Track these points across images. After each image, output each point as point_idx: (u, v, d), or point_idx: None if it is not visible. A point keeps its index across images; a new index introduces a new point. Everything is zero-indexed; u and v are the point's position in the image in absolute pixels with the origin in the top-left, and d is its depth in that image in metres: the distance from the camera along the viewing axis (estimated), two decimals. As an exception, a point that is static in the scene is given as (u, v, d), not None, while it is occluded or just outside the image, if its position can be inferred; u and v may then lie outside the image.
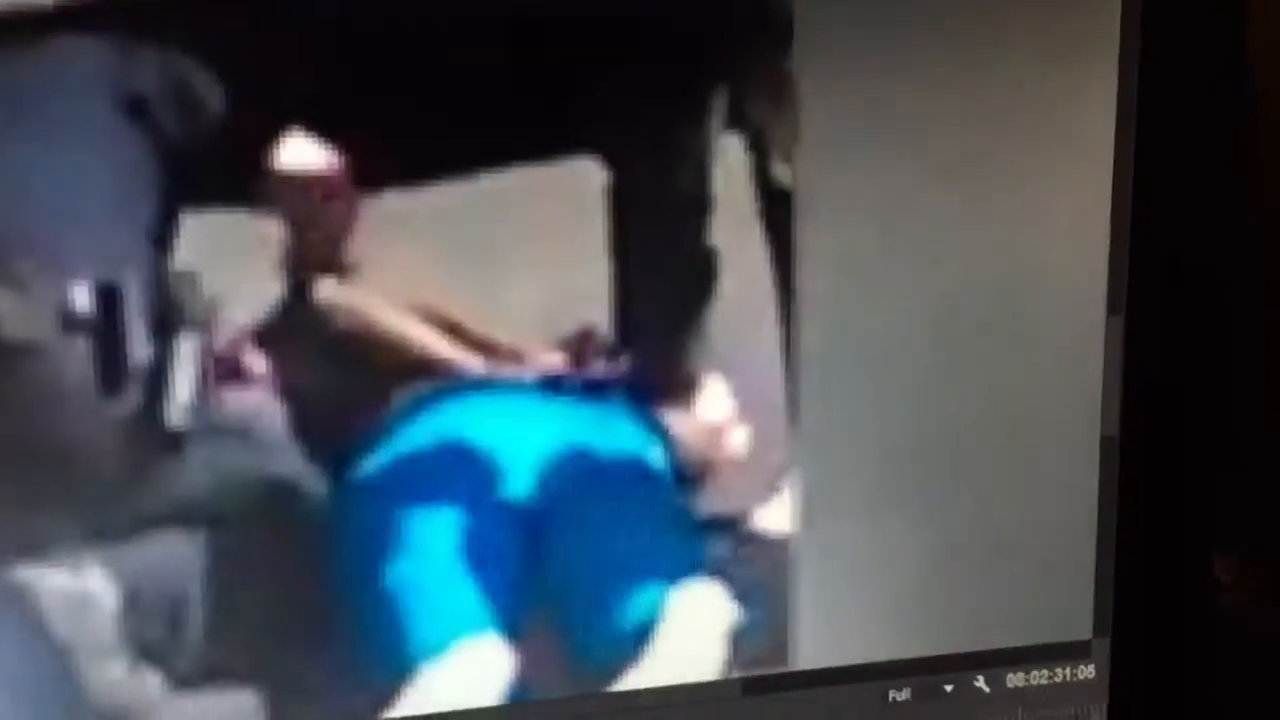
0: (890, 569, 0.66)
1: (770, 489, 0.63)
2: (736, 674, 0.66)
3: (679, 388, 0.62)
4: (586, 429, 0.61)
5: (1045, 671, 0.69)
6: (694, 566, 0.63)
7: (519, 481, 0.60)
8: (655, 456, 0.61)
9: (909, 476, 0.65)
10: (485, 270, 0.58)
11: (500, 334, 0.59)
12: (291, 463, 0.57)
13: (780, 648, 0.66)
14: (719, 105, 0.59)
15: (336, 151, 0.55)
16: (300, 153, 0.54)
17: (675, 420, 0.61)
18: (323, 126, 0.55)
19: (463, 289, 0.58)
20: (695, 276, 0.61)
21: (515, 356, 0.59)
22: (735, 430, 0.62)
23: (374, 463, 0.58)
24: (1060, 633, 0.68)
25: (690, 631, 0.63)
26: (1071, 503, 0.67)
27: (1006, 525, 0.66)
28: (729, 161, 0.60)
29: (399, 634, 0.60)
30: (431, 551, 0.59)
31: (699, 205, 0.60)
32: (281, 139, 0.54)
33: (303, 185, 0.55)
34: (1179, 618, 0.71)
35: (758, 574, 0.64)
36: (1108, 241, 0.64)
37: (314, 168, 0.55)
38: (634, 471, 0.61)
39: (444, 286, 0.58)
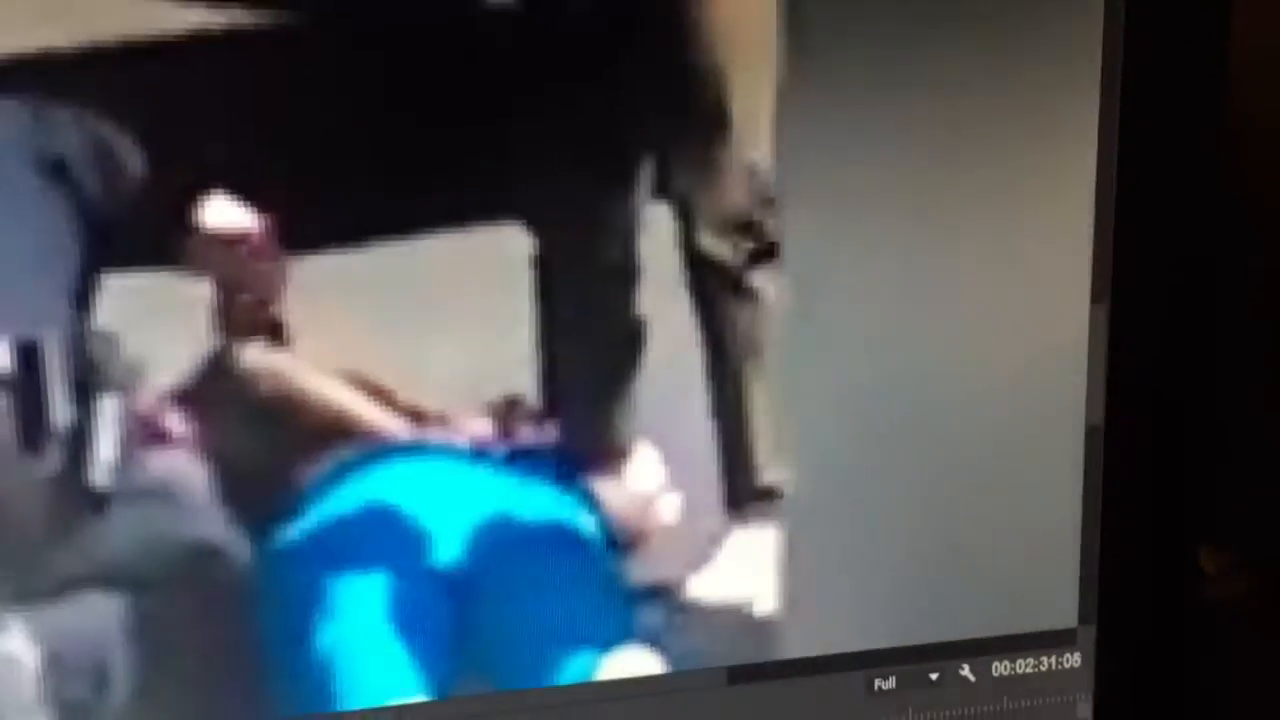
0: (875, 558, 0.66)
1: (704, 556, 0.63)
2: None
3: (607, 456, 0.62)
4: (514, 496, 0.61)
5: (1031, 660, 0.69)
6: (626, 634, 0.63)
7: (447, 547, 0.60)
8: (584, 524, 0.62)
9: (893, 466, 0.65)
10: (412, 336, 0.59)
11: (427, 400, 0.59)
12: (215, 526, 0.58)
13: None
14: (645, 174, 0.59)
15: (260, 213, 0.55)
16: (224, 213, 0.55)
17: (604, 488, 0.62)
18: (246, 188, 0.55)
19: (390, 354, 0.59)
20: (622, 345, 0.61)
21: (442, 422, 0.59)
22: (666, 498, 0.62)
23: (300, 527, 0.58)
24: (1046, 621, 0.68)
25: (623, 700, 0.63)
26: (1056, 492, 0.67)
27: (991, 514, 0.66)
28: (656, 230, 0.60)
29: (328, 698, 0.60)
30: (359, 616, 0.60)
31: (625, 274, 0.60)
32: (204, 200, 0.55)
33: (227, 246, 0.55)
34: (1163, 607, 0.71)
35: (692, 640, 0.63)
36: (1091, 229, 0.64)
37: (238, 229, 0.55)
38: (563, 539, 0.61)
39: (371, 351, 0.58)
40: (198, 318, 0.57)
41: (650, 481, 0.62)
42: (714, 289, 0.62)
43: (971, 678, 0.68)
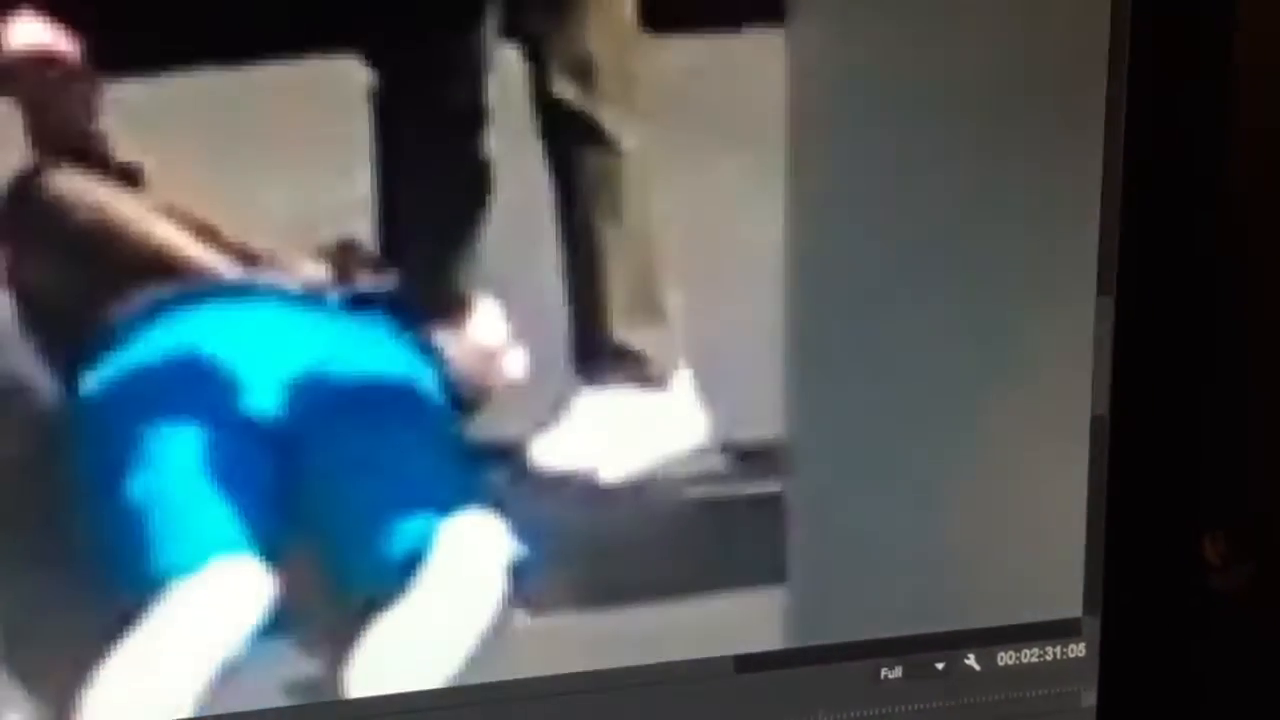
0: (883, 547, 0.65)
1: (550, 416, 0.60)
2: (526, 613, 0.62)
3: (449, 307, 0.60)
4: (346, 347, 0.58)
5: (1036, 649, 0.68)
6: (466, 496, 0.60)
7: (269, 397, 0.57)
8: (422, 378, 0.59)
9: (901, 453, 0.65)
10: (241, 170, 0.56)
11: (255, 239, 0.57)
12: (20, 359, 0.54)
13: (566, 583, 0.63)
14: (494, 11, 0.56)
15: (71, 32, 0.52)
16: (32, 31, 0.51)
17: (444, 341, 0.59)
18: (55, 5, 0.51)
19: (216, 189, 0.56)
20: (467, 191, 0.59)
21: (271, 264, 0.56)
22: (510, 354, 0.59)
23: (111, 367, 0.56)
24: (1051, 611, 0.68)
25: (462, 564, 0.61)
26: (1062, 481, 0.67)
27: (997, 503, 0.66)
28: (505, 72, 0.57)
29: (142, 549, 0.58)
30: (174, 465, 0.57)
31: (472, 116, 0.58)
32: (11, 16, 0.51)
33: (36, 66, 0.52)
34: (1168, 597, 0.71)
35: (538, 505, 0.61)
36: (1098, 221, 0.63)
37: (46, 48, 0.52)
38: (399, 393, 0.59)
39: (196, 185, 0.56)
40: (6, 138, 0.53)
41: (493, 335, 0.60)
42: (567, 136, 0.59)
43: (977, 667, 0.68)
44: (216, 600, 0.60)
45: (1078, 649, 0.69)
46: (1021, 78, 0.62)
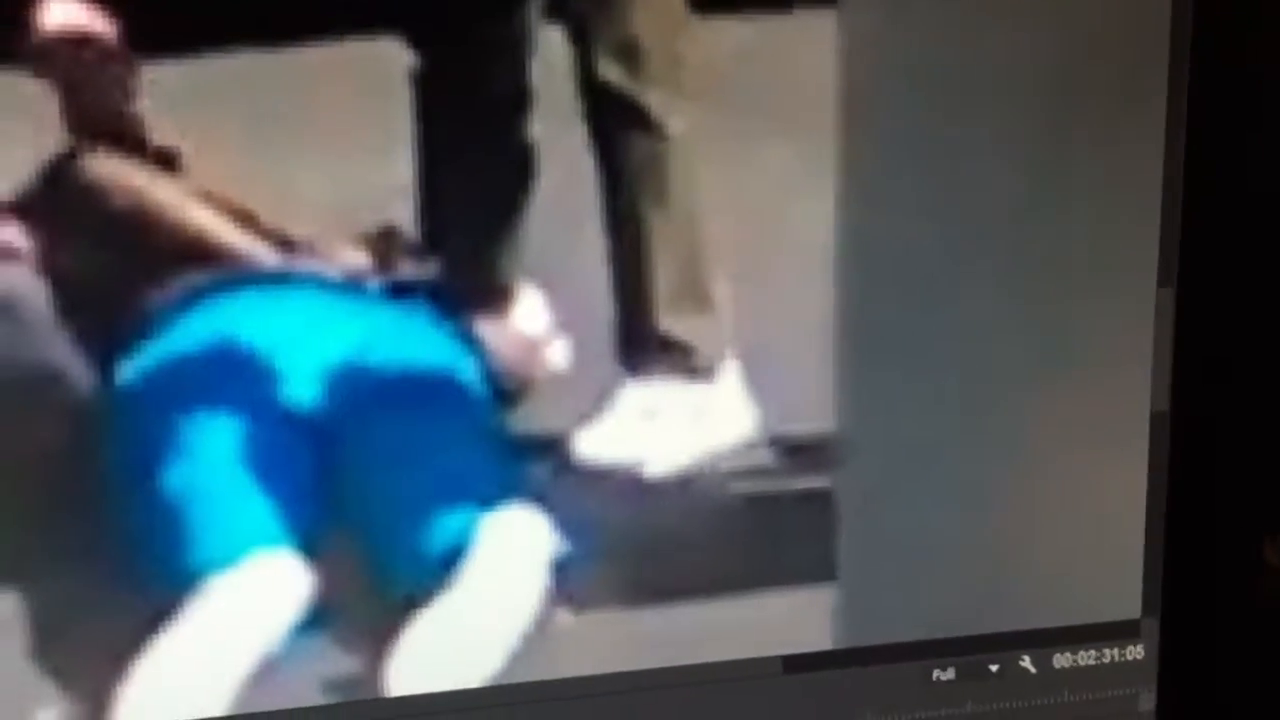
0: (935, 545, 0.65)
1: (593, 409, 0.60)
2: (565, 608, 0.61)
3: (491, 295, 0.60)
4: (387, 336, 0.58)
5: (1093, 651, 0.68)
6: (509, 490, 0.60)
7: (304, 388, 0.57)
8: (464, 369, 0.59)
9: (955, 449, 0.64)
10: (280, 155, 0.56)
11: (294, 225, 0.57)
12: (57, 348, 0.55)
13: (610, 580, 0.63)
14: (537, -8, 0.56)
15: (107, 11, 0.52)
16: (67, 11, 0.52)
17: (486, 330, 0.59)
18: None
19: (255, 174, 0.56)
20: (510, 176, 0.59)
21: (310, 251, 0.56)
22: (554, 344, 0.59)
23: (147, 356, 0.56)
24: (1109, 612, 0.68)
25: (505, 560, 0.61)
26: (1121, 479, 0.66)
27: (1054, 501, 0.66)
28: (549, 54, 0.57)
29: (180, 542, 0.58)
30: (212, 456, 0.57)
31: (515, 99, 0.58)
32: (46, -2, 0.51)
33: (73, 47, 0.52)
34: (1228, 599, 0.71)
35: (581, 500, 0.61)
36: (1159, 212, 0.63)
37: (84, 29, 0.52)
38: (440, 384, 0.59)
39: (235, 169, 0.56)
40: (42, 121, 0.53)
41: (536, 325, 0.60)
42: (612, 120, 0.59)
43: (1032, 669, 0.68)
44: (254, 595, 0.60)
45: (1136, 651, 0.69)
46: (1082, 59, 0.62)
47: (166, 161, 0.55)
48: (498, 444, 0.61)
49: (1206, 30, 0.63)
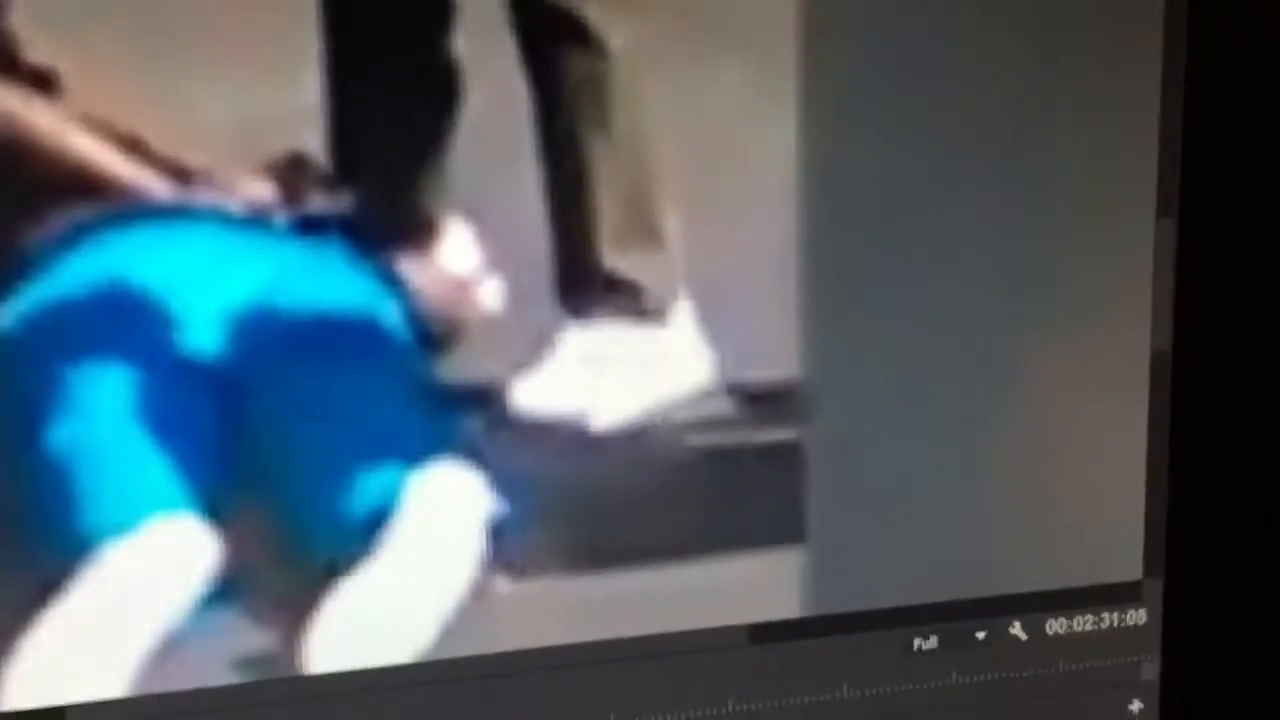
0: (914, 502, 0.63)
1: (532, 355, 0.56)
2: (508, 578, 0.59)
3: (414, 230, 0.57)
4: (297, 276, 0.55)
5: (1090, 616, 0.66)
6: (438, 445, 0.57)
7: (204, 334, 0.54)
8: (385, 312, 0.55)
9: (934, 397, 0.62)
10: (172, 74, 0.53)
11: (190, 153, 0.54)
12: (-81, 293, 0.51)
13: (553, 544, 0.60)
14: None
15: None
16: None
17: (410, 268, 0.56)
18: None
19: (145, 95, 0.53)
20: (432, 97, 0.56)
21: (208, 181, 0.53)
22: (485, 284, 0.56)
23: (26, 299, 0.52)
24: (1107, 573, 0.66)
25: (435, 522, 0.58)
26: (1118, 427, 0.65)
27: (1046, 453, 0.64)
28: (475, -41, 0.53)
29: (69, 507, 0.54)
30: (102, 411, 0.53)
31: (437, 9, 0.55)
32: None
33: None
34: (1237, 557, 0.68)
35: (519, 456, 0.57)
36: (1156, 135, 0.61)
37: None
38: (358, 329, 0.55)
39: (121, 90, 0.53)
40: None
41: (465, 263, 0.57)
42: (546, 35, 0.55)
43: (1023, 636, 0.66)
44: (154, 564, 0.57)
45: (1138, 616, 0.67)
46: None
47: (42, 82, 0.52)
48: (425, 394, 0.58)
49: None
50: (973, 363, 0.63)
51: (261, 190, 0.55)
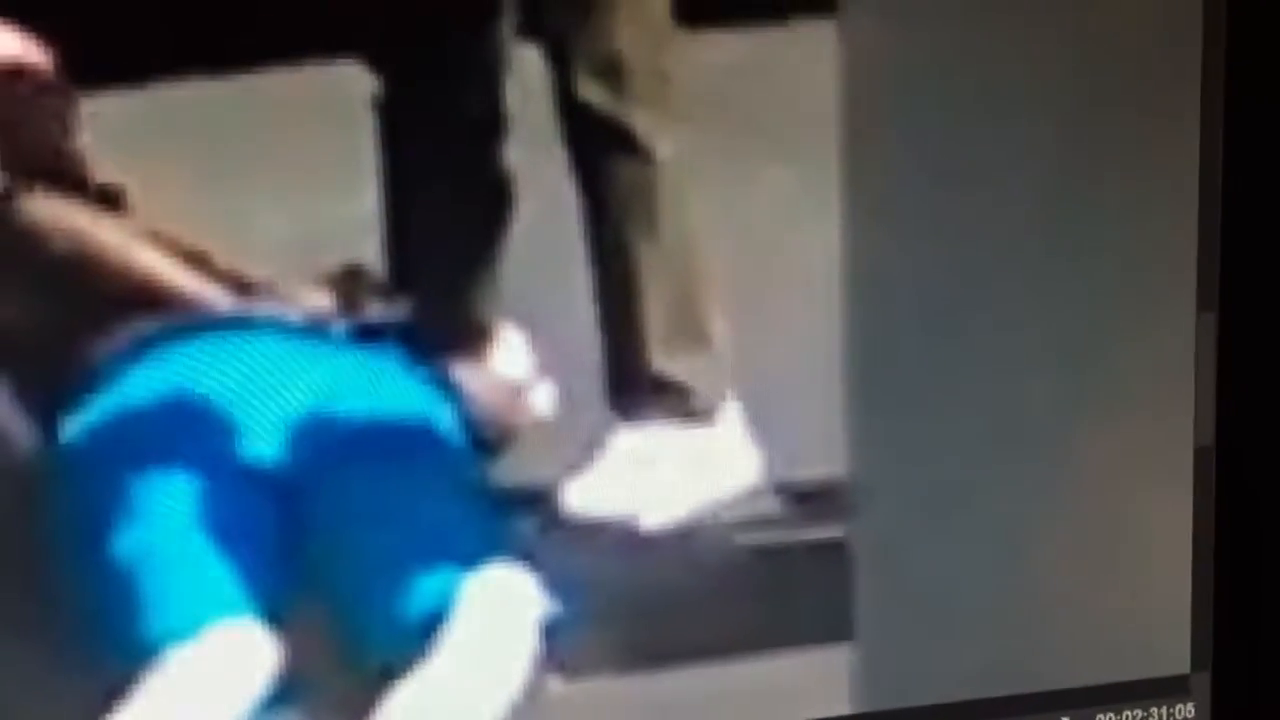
0: (961, 599, 0.63)
1: (583, 457, 0.58)
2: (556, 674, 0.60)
3: (468, 337, 0.59)
4: (354, 383, 0.57)
5: (1139, 711, 0.66)
6: (492, 547, 0.59)
7: (265, 441, 0.56)
8: (440, 417, 0.57)
9: (980, 493, 0.63)
10: (235, 190, 0.55)
11: (251, 266, 0.56)
12: (-6, 405, 0.53)
13: (605, 643, 0.62)
14: (511, 7, 0.55)
15: (42, 40, 0.51)
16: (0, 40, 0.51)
17: (464, 375, 0.57)
18: (25, 11, 0.50)
19: (208, 211, 0.56)
20: (485, 208, 0.58)
21: (269, 293, 0.55)
22: (538, 388, 0.58)
23: (94, 410, 0.55)
24: (1155, 667, 0.66)
25: (489, 624, 0.60)
26: (1163, 522, 0.65)
27: (1090, 548, 0.64)
28: (525, 74, 0.56)
29: (133, 613, 0.56)
30: (166, 519, 0.56)
31: (489, 124, 0.57)
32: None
33: (5, 78, 0.51)
34: None
35: (571, 557, 0.59)
36: (1195, 228, 0.62)
37: (16, 58, 0.51)
38: (414, 434, 0.57)
39: (186, 207, 0.55)
40: (-28, 160, 0.52)
41: (518, 368, 0.58)
42: (595, 144, 0.58)
43: None
44: (216, 668, 0.59)
45: (1186, 710, 0.67)
46: (1106, 68, 0.61)
47: (110, 200, 0.54)
48: (479, 498, 0.59)
49: (1243, 26, 0.62)
50: (1017, 458, 0.63)
51: (320, 300, 0.58)
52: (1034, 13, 0.60)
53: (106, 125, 0.54)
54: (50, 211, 0.53)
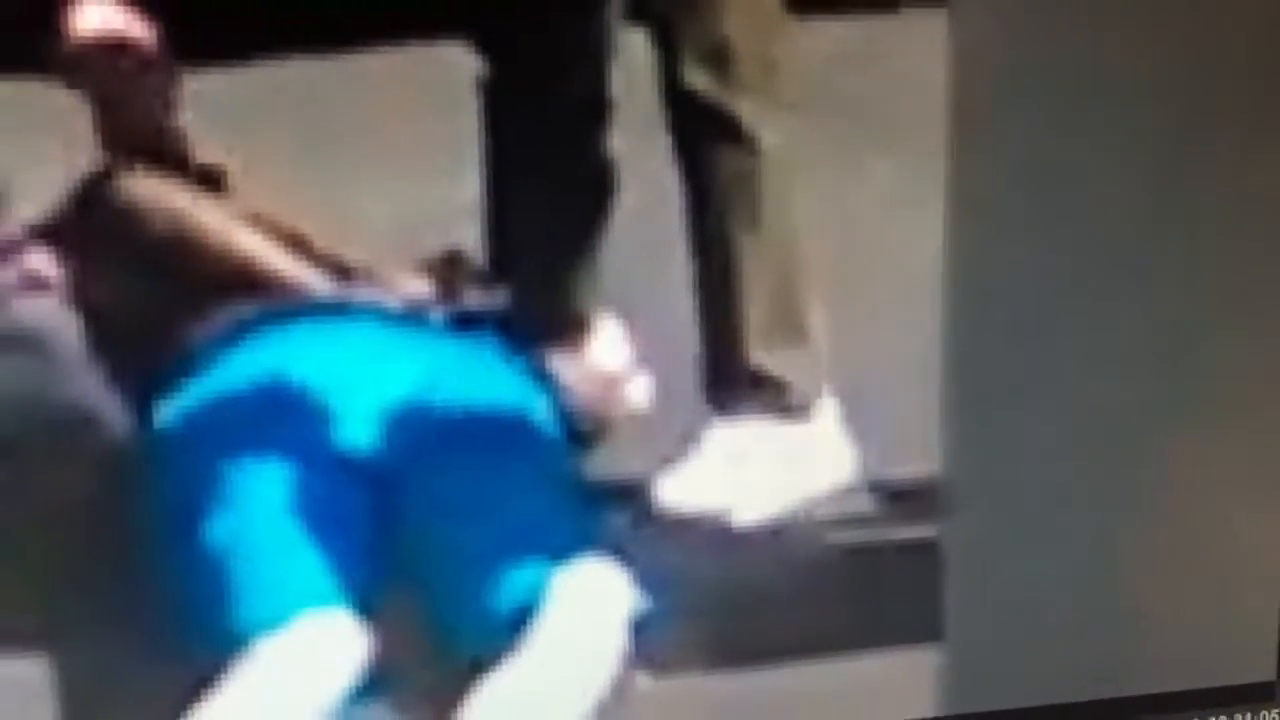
0: (1051, 602, 0.62)
1: (678, 451, 0.59)
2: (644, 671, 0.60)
3: (566, 327, 0.59)
4: (450, 372, 0.57)
5: (1224, 717, 0.66)
6: (584, 541, 0.59)
7: (360, 429, 0.56)
8: (536, 408, 0.57)
9: (1074, 496, 0.62)
10: (335, 173, 0.56)
11: (350, 251, 0.56)
12: (90, 388, 0.54)
13: (693, 641, 0.61)
14: (618, -8, 0.55)
15: (145, 16, 0.51)
16: (102, 16, 0.50)
17: (561, 366, 0.58)
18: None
19: (308, 194, 0.56)
20: (587, 195, 0.58)
21: (368, 279, 0.55)
22: (634, 380, 0.58)
23: (189, 395, 0.54)
24: (1240, 673, 0.65)
25: (579, 618, 0.59)
26: (1257, 528, 0.63)
27: (1182, 552, 0.63)
28: (630, 59, 0.56)
29: (224, 601, 0.56)
30: (259, 506, 0.56)
31: (593, 109, 0.57)
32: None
33: (106, 54, 0.51)
34: None
35: (663, 553, 0.59)
36: None
37: (119, 33, 0.51)
38: (509, 425, 0.57)
39: (285, 189, 0.55)
40: (74, 137, 0.52)
41: (615, 359, 0.58)
42: (699, 132, 0.58)
43: None
44: (306, 658, 0.58)
45: (1271, 715, 0.66)
46: (1212, 69, 0.60)
47: (210, 181, 0.54)
48: (572, 491, 0.59)
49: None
50: (1113, 461, 0.63)
51: (419, 287, 0.58)
52: (1143, 13, 0.60)
53: (209, 104, 0.54)
54: (150, 191, 0.54)
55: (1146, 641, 0.62)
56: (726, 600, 0.63)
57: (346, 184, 0.54)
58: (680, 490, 0.61)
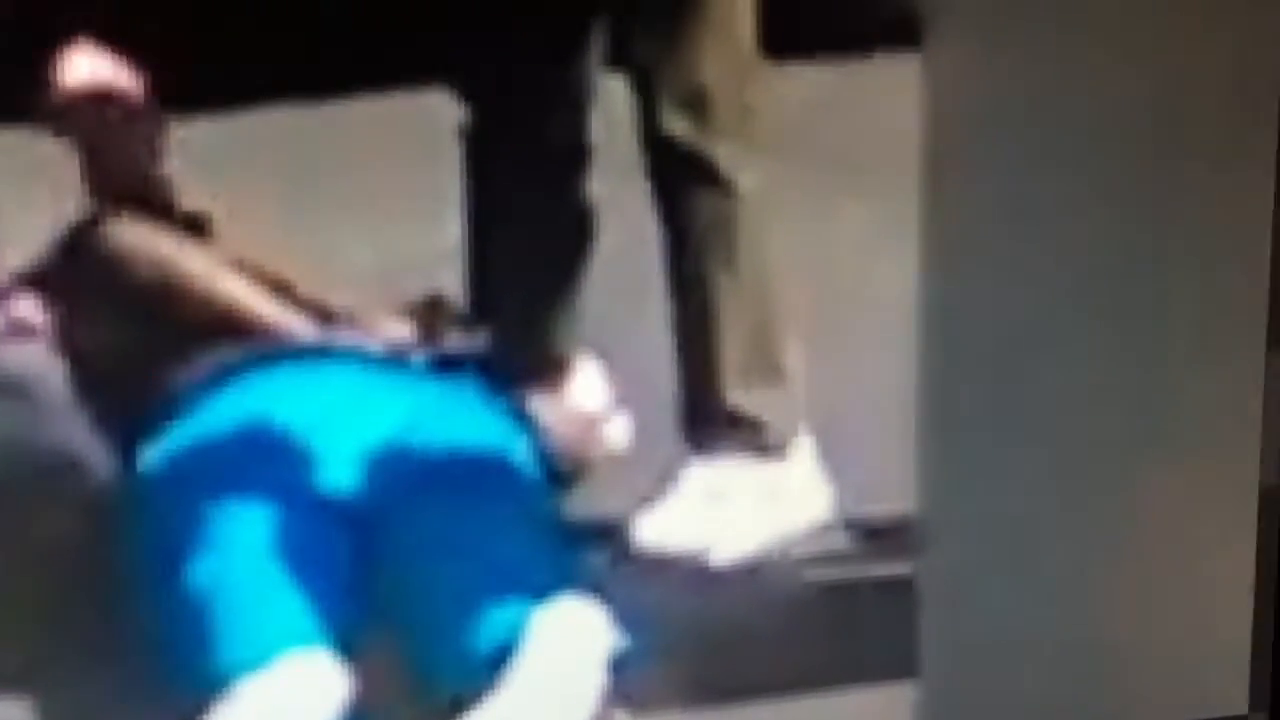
0: (1026, 637, 0.64)
1: (656, 491, 0.59)
2: (623, 708, 0.60)
3: (546, 369, 0.59)
4: (432, 414, 0.57)
5: None
6: (563, 580, 0.59)
7: (342, 471, 0.56)
8: (516, 449, 0.58)
9: (1047, 532, 0.64)
10: (318, 219, 0.56)
11: (333, 295, 0.57)
12: (75, 432, 0.54)
13: (672, 678, 0.62)
14: (598, 38, 0.55)
15: (132, 66, 0.51)
16: (89, 66, 0.51)
17: (541, 407, 0.58)
18: (118, 37, 0.51)
19: (291, 240, 0.56)
20: (566, 239, 0.58)
21: (350, 323, 0.56)
22: (613, 420, 0.58)
23: (173, 439, 0.55)
24: (1213, 707, 0.67)
25: (559, 656, 0.60)
26: (1226, 561, 0.65)
27: (1153, 587, 0.65)
28: (610, 105, 0.56)
29: (206, 642, 0.57)
30: (242, 548, 0.56)
31: (573, 155, 0.57)
32: (67, 50, 0.51)
33: (93, 103, 0.51)
34: None
35: (642, 591, 0.60)
36: (1269, 266, 0.62)
37: (106, 83, 0.51)
38: (490, 466, 0.58)
39: (269, 235, 0.55)
40: (61, 184, 0.53)
41: (594, 400, 0.59)
42: (677, 176, 0.58)
43: None
44: (287, 698, 0.59)
45: (1244, 747, 0.66)
46: (1182, 111, 0.61)
47: (196, 227, 0.55)
48: (551, 530, 0.60)
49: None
50: (1084, 498, 0.64)
51: (401, 330, 0.58)
52: (1113, 55, 0.60)
53: (194, 151, 0.54)
54: (136, 238, 0.54)
55: (1120, 676, 0.63)
56: (705, 637, 0.63)
57: (330, 230, 0.54)
58: (658, 529, 0.62)
